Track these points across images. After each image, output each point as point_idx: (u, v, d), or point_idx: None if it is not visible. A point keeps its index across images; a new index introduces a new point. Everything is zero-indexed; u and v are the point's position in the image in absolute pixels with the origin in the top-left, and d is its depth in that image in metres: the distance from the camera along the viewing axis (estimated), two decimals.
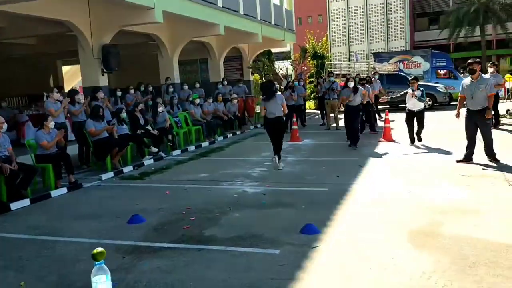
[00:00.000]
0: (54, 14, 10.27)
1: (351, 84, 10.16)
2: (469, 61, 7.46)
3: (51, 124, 7.48)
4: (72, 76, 27.05)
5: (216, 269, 3.82)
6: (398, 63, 21.90)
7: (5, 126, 6.78)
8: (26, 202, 6.36)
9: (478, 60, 7.62)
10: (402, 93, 9.78)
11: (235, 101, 13.85)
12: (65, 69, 23.49)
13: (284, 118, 8.07)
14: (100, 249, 2.43)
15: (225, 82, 15.13)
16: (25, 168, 6.63)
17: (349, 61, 26.54)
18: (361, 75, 15.40)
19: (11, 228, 5.30)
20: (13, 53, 17.12)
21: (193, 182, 7.21)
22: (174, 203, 6.03)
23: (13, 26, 11.96)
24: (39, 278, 3.84)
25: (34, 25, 11.76)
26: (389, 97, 13.09)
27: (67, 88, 19.70)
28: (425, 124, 9.58)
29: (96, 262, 2.16)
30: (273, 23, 18.97)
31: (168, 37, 14.78)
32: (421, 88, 9.48)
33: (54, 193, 6.83)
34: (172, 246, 4.44)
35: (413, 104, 9.44)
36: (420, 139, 9.57)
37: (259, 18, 17.48)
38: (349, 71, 22.06)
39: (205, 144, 11.42)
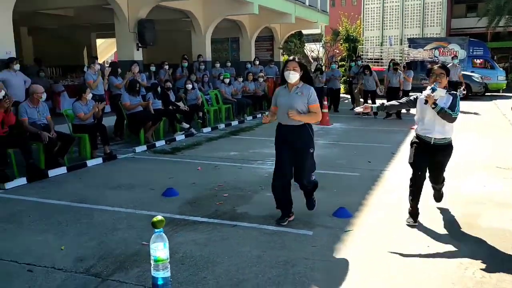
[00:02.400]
0: None
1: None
2: None
3: (89, 95, 7.62)
4: (105, 49, 27.42)
5: (249, 245, 3.88)
6: (434, 50, 21.32)
7: (44, 95, 6.95)
8: (63, 170, 6.55)
9: None
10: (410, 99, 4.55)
11: (261, 79, 13.75)
12: (99, 42, 23.74)
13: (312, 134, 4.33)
14: (160, 217, 2.48)
15: (257, 62, 15.06)
16: (62, 137, 6.81)
17: (381, 45, 25.97)
18: (396, 60, 15.08)
19: (50, 194, 5.47)
20: (50, 24, 17.39)
21: (224, 160, 7.27)
22: (206, 179, 6.11)
23: None
24: (79, 244, 3.97)
25: None
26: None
27: (100, 61, 19.91)
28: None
29: (156, 230, 2.21)
30: (307, 3, 18.67)
31: (202, 14, 14.75)
32: (454, 92, 4.41)
33: (90, 162, 7.01)
34: (206, 221, 4.52)
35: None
36: None
37: None
38: (381, 56, 21.63)
39: (234, 122, 11.47)
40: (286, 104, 4.18)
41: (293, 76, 4.13)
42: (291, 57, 4.27)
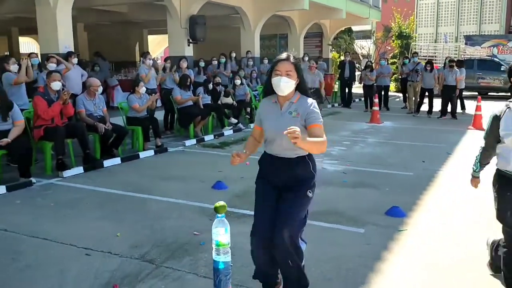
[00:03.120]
0: None
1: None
2: None
3: (142, 89, 7.82)
4: (157, 45, 28.13)
5: None
6: (492, 47, 20.35)
7: (100, 88, 7.21)
8: (117, 160, 6.76)
9: None
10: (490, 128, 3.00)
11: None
12: (150, 38, 24.36)
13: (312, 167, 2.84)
14: (222, 202, 2.50)
15: (306, 58, 14.92)
16: (117, 129, 7.03)
17: (435, 42, 25.06)
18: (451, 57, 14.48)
19: (105, 183, 5.66)
20: (104, 21, 18.02)
21: None
22: (254, 173, 6.09)
23: None
24: (134, 231, 4.09)
25: None
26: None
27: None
28: None
29: (218, 215, 2.23)
30: None
31: (251, 10, 14.80)
32: None
33: (142, 154, 7.20)
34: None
35: None
36: None
37: None
38: (435, 53, 20.87)
39: None
40: (276, 130, 2.68)
41: (286, 86, 2.64)
42: (283, 55, 2.69)
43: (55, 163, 6.02)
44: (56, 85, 6.16)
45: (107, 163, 6.56)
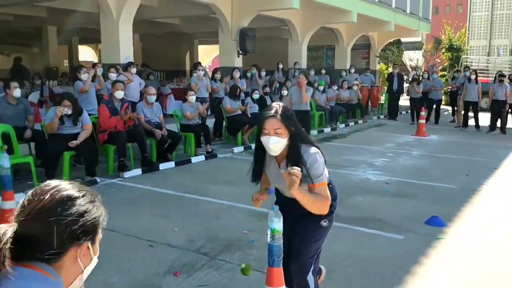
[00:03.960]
0: None
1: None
2: None
3: (191, 98, 8.30)
4: (205, 55, 29.05)
5: (341, 243, 4.11)
6: None
7: (153, 97, 7.76)
8: (171, 164, 7.27)
9: None
10: None
11: (356, 87, 13.74)
12: (200, 47, 25.25)
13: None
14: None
15: (352, 70, 15.10)
16: (172, 135, 7.55)
17: (488, 56, 24.42)
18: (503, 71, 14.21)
19: (161, 185, 6.15)
20: (158, 32, 18.94)
21: None
22: None
23: (164, 7, 13.31)
24: (187, 227, 4.50)
25: (182, 7, 12.95)
26: None
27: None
28: None
29: (274, 206, 2.45)
30: (408, 11, 18.27)
31: (300, 22, 15.16)
32: None
33: (194, 159, 7.68)
34: None
35: None
36: None
37: (393, 5, 16.99)
38: (488, 67, 20.39)
39: (327, 130, 11.67)
40: (277, 183, 2.64)
41: (276, 146, 2.37)
42: (272, 110, 2.38)
43: (116, 165, 6.59)
44: (119, 94, 6.76)
45: (162, 166, 7.07)
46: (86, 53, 27.12)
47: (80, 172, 6.43)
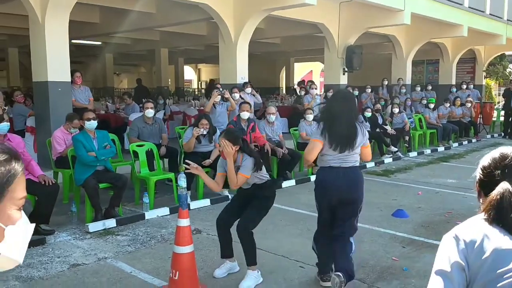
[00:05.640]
0: (310, 17, 11.35)
1: None
2: None
3: (308, 116, 8.39)
4: (298, 71, 29.33)
5: None
6: None
7: (274, 116, 7.94)
8: (292, 182, 7.38)
9: None
10: None
11: (469, 104, 13.00)
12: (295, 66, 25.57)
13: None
14: None
15: (464, 86, 14.32)
16: (292, 153, 7.66)
17: None
18: None
19: (288, 203, 6.23)
20: (259, 51, 19.46)
21: (442, 187, 7.20)
22: (431, 204, 6.19)
23: (271, 28, 13.67)
24: None
25: (288, 27, 13.20)
26: None
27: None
28: None
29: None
30: None
31: (405, 37, 14.76)
32: None
33: (313, 177, 7.67)
34: None
35: None
36: None
37: (505, 18, 15.93)
38: None
39: (440, 148, 11.14)
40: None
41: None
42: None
43: None
44: (244, 115, 7.03)
45: (284, 184, 7.19)
46: (188, 73, 28.71)
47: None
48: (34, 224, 1.22)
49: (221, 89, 8.29)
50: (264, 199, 3.87)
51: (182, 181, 3.53)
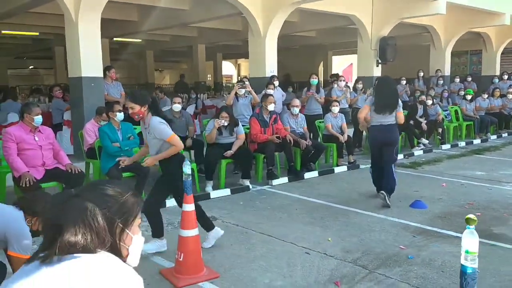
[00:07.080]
0: (342, 9, 11.26)
1: None
2: None
3: (334, 109, 8.38)
4: (336, 66, 28.99)
5: (511, 266, 3.80)
6: None
7: (298, 108, 7.99)
8: (315, 173, 7.43)
9: None
10: None
11: (510, 96, 12.44)
12: (333, 58, 25.28)
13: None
14: (472, 216, 2.77)
15: (505, 77, 13.74)
16: (316, 145, 7.70)
17: None
18: None
19: (307, 193, 6.32)
20: (295, 44, 19.43)
21: (469, 179, 7.03)
22: (453, 196, 6.08)
23: (304, 21, 13.67)
24: (341, 238, 4.56)
25: (321, 20, 13.14)
26: None
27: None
28: None
29: (468, 226, 2.45)
30: None
31: (443, 28, 14.31)
32: None
33: (337, 169, 7.74)
34: (460, 236, 4.55)
35: None
36: None
37: None
38: None
39: (476, 141, 10.79)
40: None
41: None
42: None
43: (265, 173, 6.95)
44: (271, 107, 7.15)
45: (307, 175, 7.26)
46: (228, 68, 29.07)
47: (234, 178, 6.96)
48: (144, 238, 1.53)
49: (244, 82, 8.42)
50: (167, 175, 4.16)
51: (187, 168, 3.72)
